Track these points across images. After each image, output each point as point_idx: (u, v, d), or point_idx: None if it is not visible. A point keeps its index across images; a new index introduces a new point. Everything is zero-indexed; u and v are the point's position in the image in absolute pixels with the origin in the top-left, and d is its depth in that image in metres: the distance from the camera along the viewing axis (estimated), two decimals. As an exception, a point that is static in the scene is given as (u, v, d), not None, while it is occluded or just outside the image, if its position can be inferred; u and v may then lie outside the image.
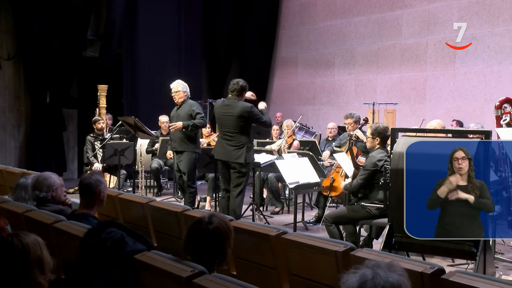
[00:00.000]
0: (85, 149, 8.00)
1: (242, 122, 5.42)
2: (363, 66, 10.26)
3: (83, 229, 2.76)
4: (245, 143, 5.44)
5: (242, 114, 5.39)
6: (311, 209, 7.20)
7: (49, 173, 3.73)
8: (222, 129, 5.60)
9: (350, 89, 10.55)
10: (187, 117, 6.12)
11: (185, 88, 6.24)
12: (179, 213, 3.57)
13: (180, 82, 6.27)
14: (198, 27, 11.17)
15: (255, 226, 3.16)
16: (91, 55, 10.00)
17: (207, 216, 2.37)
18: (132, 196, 4.42)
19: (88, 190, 3.24)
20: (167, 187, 8.95)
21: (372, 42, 10.12)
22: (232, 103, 5.50)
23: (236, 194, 5.44)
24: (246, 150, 5.43)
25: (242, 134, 5.45)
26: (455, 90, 8.94)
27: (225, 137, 5.50)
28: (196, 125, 6.07)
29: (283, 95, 11.78)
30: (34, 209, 3.37)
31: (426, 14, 9.34)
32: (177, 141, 6.21)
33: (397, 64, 9.73)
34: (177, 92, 6.21)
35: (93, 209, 3.28)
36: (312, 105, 11.11)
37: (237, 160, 5.41)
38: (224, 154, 5.50)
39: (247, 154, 5.43)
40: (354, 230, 4.78)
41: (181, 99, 6.22)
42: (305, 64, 11.36)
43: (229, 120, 5.46)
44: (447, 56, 8.99)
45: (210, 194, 7.17)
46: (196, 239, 2.32)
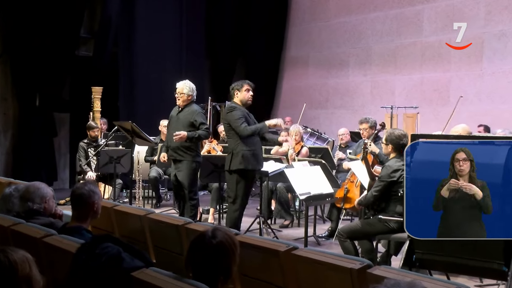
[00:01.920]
0: (78, 156, 8.03)
1: (227, 125, 5.64)
2: (380, 66, 10.26)
3: (76, 244, 2.76)
4: (233, 149, 5.57)
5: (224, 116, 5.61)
6: (324, 223, 7.18)
7: (39, 182, 3.75)
8: None
9: (365, 91, 10.54)
10: (187, 124, 6.13)
11: (192, 91, 6.24)
12: (180, 226, 3.56)
13: (188, 84, 6.25)
14: (201, 24, 11.22)
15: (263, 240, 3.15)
16: (84, 54, 10.05)
17: (211, 230, 2.37)
18: (128, 207, 4.42)
19: (81, 201, 3.24)
20: (166, 198, 8.96)
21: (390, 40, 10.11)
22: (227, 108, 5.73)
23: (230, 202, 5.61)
24: (233, 156, 5.54)
25: (232, 138, 5.62)
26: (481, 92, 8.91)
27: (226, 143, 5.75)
28: (200, 138, 6.14)
29: (292, 98, 11.78)
30: (22, 222, 3.37)
31: (450, 9, 9.34)
32: (175, 149, 6.22)
33: (418, 64, 9.72)
34: (182, 94, 6.21)
35: (87, 222, 3.28)
36: (325, 108, 11.11)
37: (226, 167, 5.63)
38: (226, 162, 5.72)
39: (233, 161, 5.50)
40: (371, 245, 4.76)
41: (184, 102, 6.24)
42: (317, 64, 11.37)
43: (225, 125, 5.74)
44: (473, 54, 8.96)
45: (214, 206, 7.17)
46: (198, 255, 2.31)
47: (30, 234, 3.15)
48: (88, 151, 7.97)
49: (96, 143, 7.98)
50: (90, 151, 7.96)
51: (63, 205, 7.95)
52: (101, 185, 7.86)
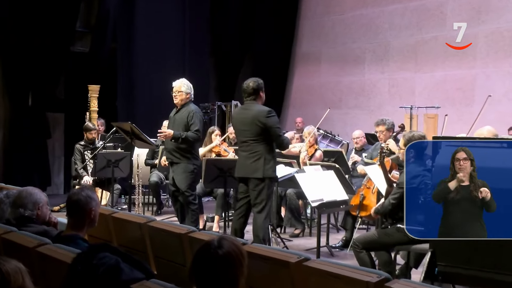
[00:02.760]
0: (73, 159, 8.07)
1: (257, 128, 5.43)
2: (398, 63, 10.24)
3: (72, 253, 2.77)
4: (262, 153, 5.45)
5: (258, 118, 5.40)
6: (337, 232, 7.17)
7: (32, 188, 3.77)
8: (239, 138, 5.62)
9: (383, 90, 10.52)
10: (183, 124, 6.19)
11: (189, 89, 6.30)
12: (183, 235, 3.57)
13: (185, 82, 6.33)
14: (205, 18, 11.26)
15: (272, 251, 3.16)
16: (80, 50, 10.10)
17: (217, 239, 2.37)
18: (128, 215, 4.44)
19: (77, 208, 3.26)
20: (168, 205, 8.97)
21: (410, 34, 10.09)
22: (248, 107, 5.55)
23: (257, 213, 5.44)
24: (264, 162, 5.44)
25: (259, 143, 5.45)
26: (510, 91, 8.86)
27: (242, 147, 5.54)
28: (187, 139, 6.13)
29: (303, 97, 11.78)
30: (14, 230, 3.39)
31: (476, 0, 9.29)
32: (171, 151, 6.28)
33: (440, 60, 9.69)
34: (179, 92, 6.27)
35: (83, 230, 3.30)
36: (338, 109, 11.09)
37: (254, 174, 5.41)
38: (242, 168, 5.50)
39: (265, 168, 5.43)
40: (389, 257, 4.74)
41: (182, 101, 6.28)
42: (330, 61, 11.36)
43: (244, 126, 5.50)
44: (501, 49, 8.91)
45: (219, 213, 7.18)
46: (203, 266, 2.31)
47: (23, 243, 3.17)
48: (84, 154, 8.00)
49: (93, 146, 8.00)
50: (86, 154, 7.99)
51: (57, 212, 7.98)
52: (98, 190, 7.87)
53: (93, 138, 8.05)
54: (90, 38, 10.08)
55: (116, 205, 7.96)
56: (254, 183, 5.43)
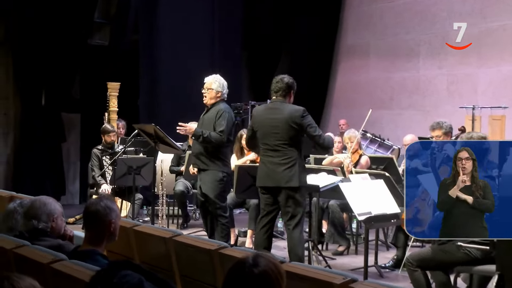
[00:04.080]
0: (90, 165, 8.18)
1: (291, 131, 5.42)
2: (459, 57, 10.10)
3: (90, 271, 2.81)
4: (296, 160, 5.43)
5: (292, 119, 5.39)
6: (387, 250, 7.11)
7: (46, 197, 3.83)
8: (265, 142, 5.56)
9: (440, 88, 10.40)
10: (211, 125, 6.23)
11: (221, 87, 6.33)
12: (213, 251, 3.59)
13: (217, 79, 6.36)
14: (237, 7, 11.27)
15: (313, 270, 3.15)
16: (98, 43, 10.22)
17: (252, 257, 2.37)
18: (151, 228, 4.47)
19: (95, 220, 3.30)
20: (195, 217, 9.03)
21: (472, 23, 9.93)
22: (277, 106, 5.53)
23: (292, 228, 5.43)
24: (299, 169, 5.42)
25: (292, 147, 5.44)
26: None
27: (269, 153, 5.47)
28: (209, 140, 6.13)
29: (349, 96, 11.72)
30: (26, 244, 3.45)
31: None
32: (197, 156, 6.31)
33: (508, 53, 9.53)
34: (209, 90, 6.30)
35: (102, 245, 3.34)
36: (389, 109, 11.01)
37: (288, 183, 5.38)
38: (270, 177, 5.46)
39: (300, 175, 5.42)
40: (447, 278, 4.71)
41: (212, 100, 6.33)
42: (380, 54, 11.28)
43: (274, 129, 5.47)
44: None
45: (252, 227, 7.18)
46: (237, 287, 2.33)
47: (36, 258, 3.22)
48: (102, 160, 8.10)
49: (112, 150, 8.09)
50: (104, 160, 8.09)
51: (72, 224, 8.10)
52: (117, 200, 7.97)
53: (112, 141, 8.13)
54: (109, 30, 10.19)
55: (138, 217, 8.04)
56: (287, 193, 5.41)
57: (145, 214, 9.01)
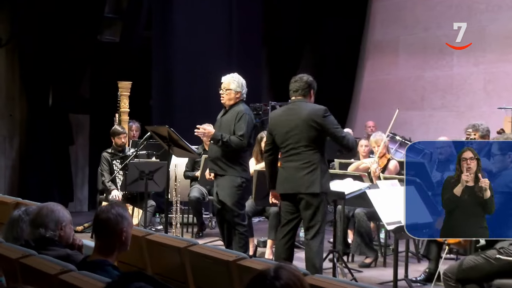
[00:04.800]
0: (100, 170, 8.22)
1: (312, 132, 5.39)
2: (497, 53, 10.04)
3: (100, 282, 2.83)
4: (318, 164, 5.41)
5: (312, 119, 5.37)
6: (419, 262, 7.07)
7: (54, 204, 3.86)
8: (284, 145, 5.50)
9: (477, 87, 10.33)
10: (230, 128, 6.25)
11: (240, 87, 6.33)
12: (231, 262, 3.60)
13: (236, 78, 6.36)
14: (257, 2, 11.26)
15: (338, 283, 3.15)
16: (109, 40, 10.28)
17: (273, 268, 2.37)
18: (164, 237, 4.49)
19: (106, 228, 3.32)
20: (211, 225, 9.05)
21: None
22: (297, 106, 5.51)
23: (311, 237, 5.41)
24: (321, 174, 5.41)
25: (314, 150, 5.41)
26: None
27: (289, 157, 5.43)
28: (229, 144, 6.14)
29: (376, 96, 11.69)
30: (33, 254, 3.49)
31: None
32: (214, 160, 6.32)
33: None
34: (228, 91, 6.31)
35: (113, 255, 3.36)
36: (420, 110, 10.96)
37: (309, 189, 5.36)
38: (290, 182, 5.43)
39: (322, 181, 5.41)
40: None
41: (231, 101, 6.34)
42: (410, 50, 11.24)
43: (292, 130, 5.43)
44: None
45: (273, 236, 7.17)
46: (256, 301, 2.33)
47: (43, 269, 3.25)
48: (112, 164, 8.14)
49: (123, 154, 8.12)
50: (115, 164, 8.12)
51: (81, 233, 8.15)
52: (128, 207, 8.01)
53: (122, 144, 8.16)
54: (120, 26, 10.24)
55: (150, 225, 8.06)
56: (308, 200, 5.38)
57: (158, 222, 9.04)
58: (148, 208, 7.82)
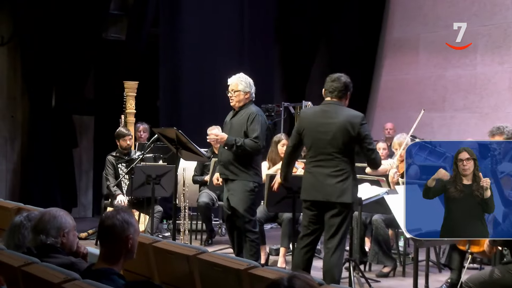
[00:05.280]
0: (105, 174, 8.24)
1: (346, 138, 5.35)
2: (524, 51, 10.00)
3: (105, 292, 2.84)
4: (350, 173, 5.38)
5: (349, 125, 5.33)
6: (440, 272, 7.06)
7: (56, 209, 3.88)
8: (314, 149, 5.46)
9: (501, 87, 10.29)
10: (241, 131, 6.25)
11: (248, 87, 6.34)
12: (242, 271, 3.60)
13: (243, 78, 6.38)
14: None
15: (356, 295, 3.15)
16: (114, 37, 10.32)
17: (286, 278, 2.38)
18: (172, 244, 4.49)
19: (112, 235, 3.33)
20: (221, 232, 9.06)
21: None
22: (332, 109, 5.44)
23: (333, 248, 5.37)
24: (352, 183, 5.41)
25: (346, 157, 5.37)
26: None
27: (320, 162, 5.39)
28: (244, 148, 6.15)
29: (395, 96, 11.66)
30: (35, 262, 3.50)
31: None
32: (226, 164, 6.32)
33: None
34: (236, 92, 6.32)
35: (119, 263, 3.36)
36: (441, 111, 10.92)
37: (340, 198, 5.33)
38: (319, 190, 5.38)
39: (353, 190, 5.40)
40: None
41: (240, 102, 6.35)
42: (431, 48, 11.21)
43: (326, 135, 5.37)
44: None
45: (285, 244, 7.19)
46: (269, 312, 2.33)
47: (46, 277, 3.26)
48: (118, 168, 8.16)
49: (129, 157, 8.14)
50: (120, 168, 8.15)
51: (84, 240, 8.19)
52: (134, 213, 8.02)
53: (127, 146, 8.17)
54: (126, 23, 10.28)
55: (157, 232, 8.08)
56: (338, 209, 5.35)
57: (165, 229, 9.06)
58: (155, 214, 7.84)
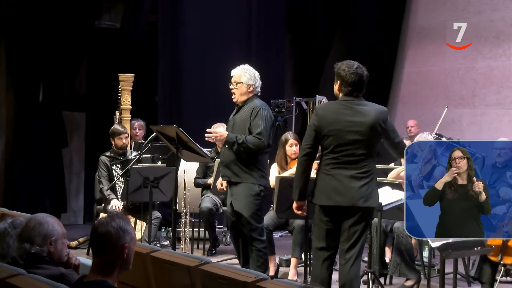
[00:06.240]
0: (97, 176, 8.25)
1: (374, 137, 5.31)
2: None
3: (98, 306, 2.85)
4: (374, 175, 5.34)
5: (379, 122, 5.29)
6: (469, 285, 7.08)
7: (44, 215, 3.89)
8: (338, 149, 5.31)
9: (537, 81, 10.29)
10: (245, 127, 6.25)
11: (252, 80, 6.34)
12: (249, 284, 3.60)
13: (248, 70, 6.38)
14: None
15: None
16: (108, 25, 10.33)
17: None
18: (172, 254, 4.49)
19: (106, 244, 3.34)
20: (226, 241, 9.07)
21: None
22: (356, 103, 5.35)
23: (353, 259, 5.32)
24: (376, 186, 5.39)
25: (371, 158, 5.32)
26: None
27: (343, 163, 5.27)
28: (246, 145, 6.12)
29: (419, 91, 11.66)
30: (21, 273, 3.51)
31: None
32: (228, 165, 6.32)
33: None
34: (239, 84, 6.32)
35: (113, 274, 3.37)
36: (471, 107, 10.91)
37: (366, 203, 5.25)
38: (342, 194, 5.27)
39: (377, 194, 5.37)
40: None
41: (243, 96, 6.35)
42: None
43: (354, 134, 5.27)
44: None
45: (297, 254, 7.19)
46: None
47: (33, 290, 3.28)
48: (112, 169, 8.17)
49: (124, 157, 8.15)
50: (115, 169, 8.16)
51: (75, 249, 8.21)
52: (130, 219, 8.03)
53: (123, 145, 8.16)
54: (121, 10, 10.29)
55: (155, 240, 8.08)
56: (363, 215, 5.29)
57: (164, 237, 9.08)
58: (153, 221, 7.85)
